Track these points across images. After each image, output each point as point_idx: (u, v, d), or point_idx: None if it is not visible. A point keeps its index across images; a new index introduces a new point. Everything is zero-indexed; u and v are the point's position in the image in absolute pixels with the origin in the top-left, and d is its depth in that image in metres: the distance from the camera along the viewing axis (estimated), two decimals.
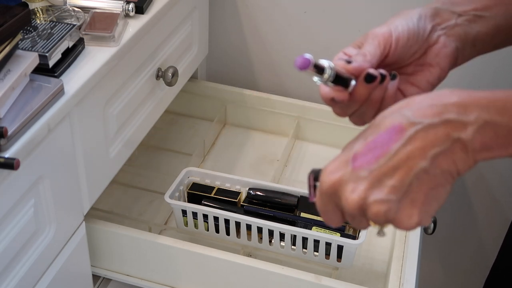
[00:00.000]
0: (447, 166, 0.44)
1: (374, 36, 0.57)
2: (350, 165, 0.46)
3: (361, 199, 0.44)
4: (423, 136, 0.44)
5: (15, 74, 0.68)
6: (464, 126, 0.43)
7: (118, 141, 0.91)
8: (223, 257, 0.88)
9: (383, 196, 0.44)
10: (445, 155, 0.44)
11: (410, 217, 0.44)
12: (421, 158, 0.43)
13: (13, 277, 0.71)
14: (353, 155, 0.46)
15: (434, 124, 0.44)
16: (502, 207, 1.36)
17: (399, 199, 0.44)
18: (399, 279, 0.85)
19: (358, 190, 0.44)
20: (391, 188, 0.44)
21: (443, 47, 0.59)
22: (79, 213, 0.84)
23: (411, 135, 0.44)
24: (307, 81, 1.31)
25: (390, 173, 0.44)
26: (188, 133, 1.28)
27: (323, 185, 0.47)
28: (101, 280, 0.99)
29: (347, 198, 0.45)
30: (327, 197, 0.47)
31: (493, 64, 1.18)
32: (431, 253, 1.49)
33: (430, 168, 0.44)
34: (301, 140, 1.26)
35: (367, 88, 0.55)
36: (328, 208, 0.48)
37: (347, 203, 0.45)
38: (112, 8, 0.89)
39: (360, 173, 0.45)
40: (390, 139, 0.44)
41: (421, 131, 0.44)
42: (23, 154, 0.66)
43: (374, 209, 0.44)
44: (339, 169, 0.46)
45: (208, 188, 1.01)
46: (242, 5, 1.26)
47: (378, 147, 0.45)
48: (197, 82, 1.30)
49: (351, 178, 0.45)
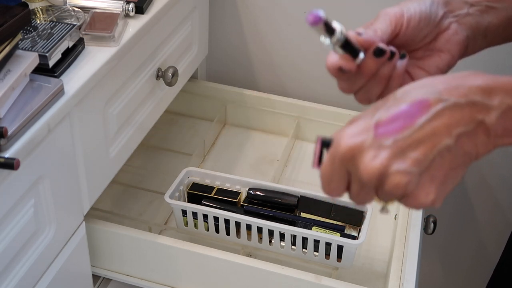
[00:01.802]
0: (469, 147, 0.44)
1: (386, 15, 0.57)
2: (372, 132, 0.44)
3: (383, 167, 0.43)
4: (449, 114, 0.43)
5: (15, 74, 0.68)
6: (488, 110, 0.43)
7: (118, 141, 0.91)
8: (223, 257, 0.88)
9: (406, 167, 0.42)
10: (468, 137, 0.43)
11: (428, 194, 0.44)
12: (446, 135, 0.43)
13: (13, 277, 0.71)
14: (376, 122, 0.44)
15: (461, 104, 0.43)
16: (503, 207, 1.36)
17: (420, 173, 0.43)
18: (399, 279, 0.85)
19: (381, 157, 0.43)
20: (414, 161, 0.43)
21: (455, 34, 0.59)
22: (79, 213, 0.84)
23: (438, 110, 0.43)
24: (307, 81, 1.31)
25: (414, 146, 0.43)
26: (188, 133, 1.28)
27: (340, 148, 0.45)
28: (101, 280, 0.99)
29: (367, 164, 0.43)
30: (340, 162, 0.45)
31: (499, 60, 1.18)
32: (431, 253, 1.49)
33: (453, 147, 0.43)
34: (301, 140, 1.26)
35: (376, 62, 0.55)
36: (335, 175, 0.46)
37: (366, 170, 0.43)
38: (112, 8, 0.89)
39: (384, 141, 0.43)
40: (415, 112, 0.43)
41: (447, 108, 0.43)
42: (23, 154, 0.66)
43: (395, 179, 0.43)
44: (360, 134, 0.44)
45: (208, 188, 1.01)
46: (242, 5, 1.26)
47: (403, 119, 0.44)
48: (197, 82, 1.30)
49: (373, 145, 0.43)
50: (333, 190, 0.47)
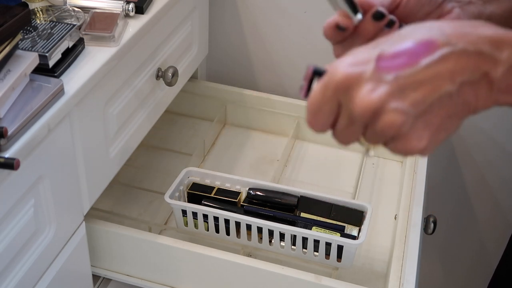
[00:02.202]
0: (469, 97, 0.42)
1: None
2: (373, 63, 0.41)
3: (380, 102, 0.40)
4: (455, 59, 0.41)
5: (15, 74, 0.68)
6: (495, 63, 0.42)
7: (118, 141, 0.91)
8: (223, 257, 0.88)
9: (403, 106, 0.40)
10: (471, 86, 0.42)
11: (420, 140, 0.42)
12: (449, 81, 0.41)
13: (13, 277, 0.71)
14: (379, 54, 0.42)
15: (468, 52, 0.41)
16: (502, 207, 1.36)
17: (417, 116, 0.41)
18: (399, 279, 0.85)
19: (379, 92, 0.40)
20: (413, 101, 0.40)
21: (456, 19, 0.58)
22: (79, 213, 0.84)
23: (444, 54, 0.41)
24: None
25: (414, 86, 0.41)
26: (188, 133, 1.28)
27: (336, 76, 0.42)
28: (101, 280, 0.99)
29: (364, 97, 0.41)
30: (333, 91, 0.42)
31: None
32: (431, 253, 1.49)
33: (454, 94, 0.42)
34: (301, 140, 1.26)
35: (374, 26, 0.54)
36: (325, 105, 0.43)
37: (362, 103, 0.41)
38: (112, 8, 0.89)
39: (384, 76, 0.41)
40: (421, 51, 0.41)
41: (454, 53, 0.41)
42: (23, 154, 0.66)
43: (390, 117, 0.40)
44: (360, 64, 0.42)
45: (208, 188, 1.01)
46: (242, 5, 1.26)
47: (407, 55, 0.41)
48: (197, 82, 1.30)
49: (372, 78, 0.41)
50: (318, 122, 0.45)
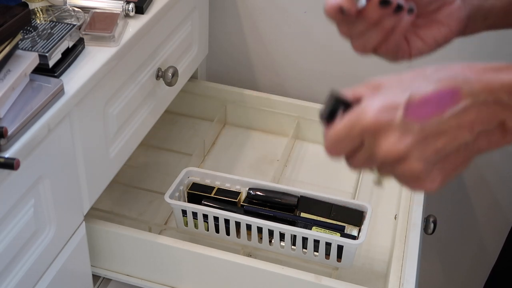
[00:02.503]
0: (483, 145, 0.44)
1: None
2: (401, 111, 0.43)
3: (406, 151, 0.43)
4: (476, 112, 0.43)
5: (15, 74, 0.68)
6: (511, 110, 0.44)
7: (118, 141, 0.91)
8: (223, 257, 0.88)
9: (426, 156, 0.43)
10: (486, 135, 0.44)
11: (433, 183, 0.44)
12: (468, 132, 0.43)
13: (13, 277, 0.71)
14: (407, 101, 0.44)
15: (488, 103, 0.43)
16: (502, 207, 1.36)
17: (435, 162, 0.44)
18: (399, 279, 0.85)
19: (406, 141, 0.43)
20: (434, 150, 0.43)
21: (458, 10, 0.59)
22: (79, 213, 0.84)
23: (466, 105, 0.43)
24: (307, 81, 1.31)
25: (437, 136, 0.43)
26: (188, 133, 1.29)
27: (366, 120, 0.44)
28: (101, 280, 0.99)
29: (391, 146, 0.43)
30: (358, 132, 0.45)
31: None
32: (431, 253, 1.49)
33: (471, 143, 0.44)
34: (301, 140, 1.26)
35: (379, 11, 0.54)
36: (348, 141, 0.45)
37: (388, 151, 0.43)
38: (112, 8, 0.89)
39: (411, 126, 0.43)
40: (446, 101, 0.43)
41: (475, 105, 0.43)
42: (23, 154, 0.66)
43: (412, 165, 0.43)
44: (389, 110, 0.44)
45: (208, 188, 1.01)
46: (242, 5, 1.26)
47: (433, 105, 0.43)
48: (197, 82, 1.30)
49: (401, 127, 0.43)
50: (337, 152, 0.46)
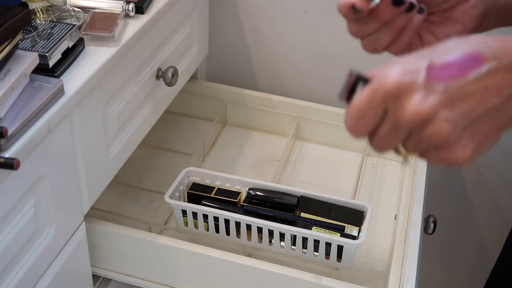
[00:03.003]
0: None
1: None
2: (423, 73, 0.42)
3: (431, 110, 0.41)
4: (502, 74, 0.42)
5: (15, 74, 0.68)
6: None
7: (118, 141, 0.91)
8: (223, 257, 0.88)
9: (453, 116, 0.41)
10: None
11: (464, 150, 0.42)
12: (496, 94, 0.42)
13: (13, 277, 0.71)
14: (429, 64, 0.42)
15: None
16: (502, 207, 1.37)
17: (465, 125, 0.42)
18: (399, 279, 0.85)
19: (430, 101, 0.41)
20: (462, 112, 0.41)
21: (473, 7, 0.58)
22: (79, 213, 0.84)
23: (491, 68, 0.42)
24: (307, 81, 1.31)
25: (463, 97, 0.42)
26: (188, 133, 1.29)
27: (387, 83, 0.42)
28: (101, 280, 0.99)
29: (416, 105, 0.41)
30: (382, 98, 0.43)
31: None
32: (431, 253, 1.49)
33: (500, 107, 0.42)
34: (301, 140, 1.26)
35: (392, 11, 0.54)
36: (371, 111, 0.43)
37: (413, 111, 0.41)
38: (112, 8, 0.89)
39: (436, 86, 0.42)
40: (470, 63, 0.42)
41: (501, 68, 0.42)
42: (23, 154, 0.66)
43: (440, 125, 0.41)
44: (411, 73, 0.42)
45: (208, 188, 1.01)
46: (242, 5, 1.26)
47: (456, 67, 0.42)
48: (197, 82, 1.30)
49: (424, 87, 0.42)
50: (360, 128, 0.45)
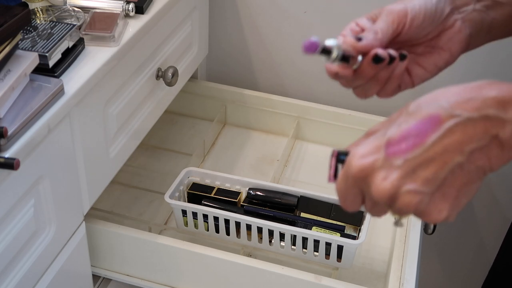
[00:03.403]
0: (482, 162, 0.43)
1: (389, 13, 0.56)
2: (383, 151, 0.44)
3: (393, 187, 0.43)
4: (461, 130, 0.42)
5: (15, 74, 0.68)
6: (503, 123, 0.42)
7: (118, 141, 0.91)
8: (223, 257, 0.88)
9: (416, 187, 0.42)
10: (481, 151, 0.43)
11: (440, 212, 0.43)
12: (457, 153, 0.42)
13: (13, 277, 0.71)
14: (387, 141, 0.44)
15: (473, 119, 0.42)
16: (502, 207, 1.36)
17: (432, 192, 0.43)
18: (399, 279, 0.85)
19: (391, 178, 0.43)
20: (424, 180, 0.42)
21: (458, 33, 0.58)
22: (79, 213, 0.84)
23: (449, 127, 0.42)
24: (307, 81, 1.31)
25: (424, 165, 0.42)
26: (188, 133, 1.28)
27: (352, 169, 0.45)
28: (101, 280, 0.99)
29: (379, 185, 0.43)
30: (353, 182, 0.45)
31: (498, 61, 1.18)
32: (431, 253, 1.49)
33: (465, 163, 0.43)
34: (301, 140, 1.26)
35: (374, 68, 0.55)
36: (350, 192, 0.46)
37: (378, 191, 0.43)
38: (112, 8, 0.89)
39: (394, 161, 0.43)
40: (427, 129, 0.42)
41: (460, 124, 0.42)
42: (23, 154, 0.66)
43: (406, 199, 0.43)
44: (371, 154, 0.44)
45: (208, 188, 1.01)
46: (242, 5, 1.26)
47: (414, 136, 0.43)
48: (197, 82, 1.30)
49: (384, 166, 0.43)
50: (349, 206, 0.48)
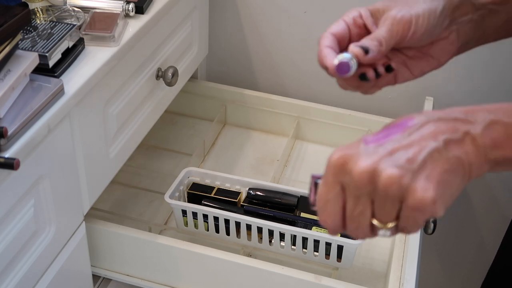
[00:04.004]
0: (459, 152, 0.44)
1: (396, 23, 0.57)
2: (362, 144, 0.45)
3: (373, 163, 0.43)
4: (434, 124, 0.45)
5: (15, 74, 0.68)
6: (472, 123, 0.45)
7: (118, 141, 0.91)
8: (223, 257, 0.88)
9: (398, 163, 0.43)
10: (457, 143, 0.44)
11: (426, 190, 0.43)
12: (433, 139, 0.44)
13: (13, 277, 0.71)
14: (364, 137, 0.46)
15: (444, 118, 0.45)
16: (502, 206, 1.37)
17: (414, 170, 0.43)
18: (399, 279, 0.85)
19: (372, 157, 0.43)
20: (405, 159, 0.43)
21: (450, 44, 0.60)
22: (79, 213, 0.84)
23: (423, 121, 0.45)
24: (307, 81, 1.31)
25: (403, 149, 0.44)
26: (188, 133, 1.28)
27: (331, 160, 0.45)
28: (101, 280, 0.99)
29: (359, 165, 0.43)
30: (332, 175, 0.45)
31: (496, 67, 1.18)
32: (431, 253, 1.49)
33: (443, 150, 0.44)
34: (301, 140, 1.26)
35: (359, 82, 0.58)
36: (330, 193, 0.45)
37: (358, 170, 0.43)
38: (112, 8, 0.89)
39: (374, 148, 0.44)
40: (402, 126, 0.46)
41: (432, 121, 0.45)
42: (23, 154, 0.66)
43: (387, 172, 0.43)
44: (349, 148, 0.45)
45: (208, 188, 1.01)
46: (242, 5, 1.26)
47: (392, 133, 0.45)
48: (197, 82, 1.30)
49: (363, 152, 0.44)
50: (329, 216, 0.46)
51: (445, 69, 0.62)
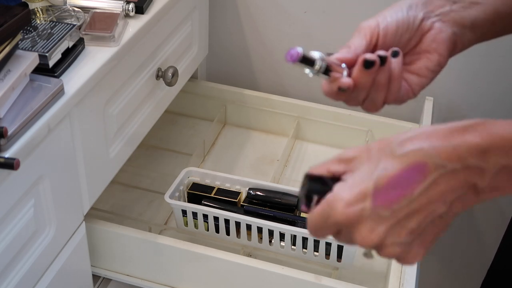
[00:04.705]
0: (458, 209, 0.45)
1: (360, 29, 0.58)
2: (370, 200, 0.44)
3: (380, 240, 0.45)
4: (445, 182, 0.44)
5: (15, 74, 0.68)
6: (482, 172, 0.43)
7: (118, 141, 0.91)
8: (223, 257, 0.88)
9: (401, 240, 0.45)
10: (459, 200, 0.45)
11: (416, 256, 0.46)
12: (441, 204, 0.44)
13: (13, 277, 0.71)
14: (374, 190, 0.44)
15: (457, 170, 0.43)
16: (501, 206, 1.37)
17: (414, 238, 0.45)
18: (399, 279, 0.85)
19: (378, 231, 0.44)
20: (409, 231, 0.45)
21: (439, 33, 0.59)
22: (79, 213, 0.84)
23: (434, 179, 0.43)
24: (307, 81, 1.31)
25: (410, 216, 0.44)
26: (188, 133, 1.28)
27: (337, 216, 0.45)
28: (101, 280, 0.99)
29: (365, 237, 0.45)
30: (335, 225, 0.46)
31: (493, 65, 1.18)
32: (431, 253, 1.49)
33: (446, 212, 0.45)
34: (301, 140, 1.26)
35: (369, 74, 0.55)
36: (325, 230, 0.47)
37: (363, 241, 0.45)
38: (112, 8, 0.89)
39: (382, 213, 0.44)
40: (414, 178, 0.44)
41: (444, 176, 0.43)
42: (23, 154, 0.66)
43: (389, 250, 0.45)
44: (357, 202, 0.45)
45: (208, 188, 1.01)
46: (242, 5, 1.26)
47: (401, 187, 0.44)
48: (197, 82, 1.30)
49: (371, 217, 0.44)
50: (320, 236, 0.48)
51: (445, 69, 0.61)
